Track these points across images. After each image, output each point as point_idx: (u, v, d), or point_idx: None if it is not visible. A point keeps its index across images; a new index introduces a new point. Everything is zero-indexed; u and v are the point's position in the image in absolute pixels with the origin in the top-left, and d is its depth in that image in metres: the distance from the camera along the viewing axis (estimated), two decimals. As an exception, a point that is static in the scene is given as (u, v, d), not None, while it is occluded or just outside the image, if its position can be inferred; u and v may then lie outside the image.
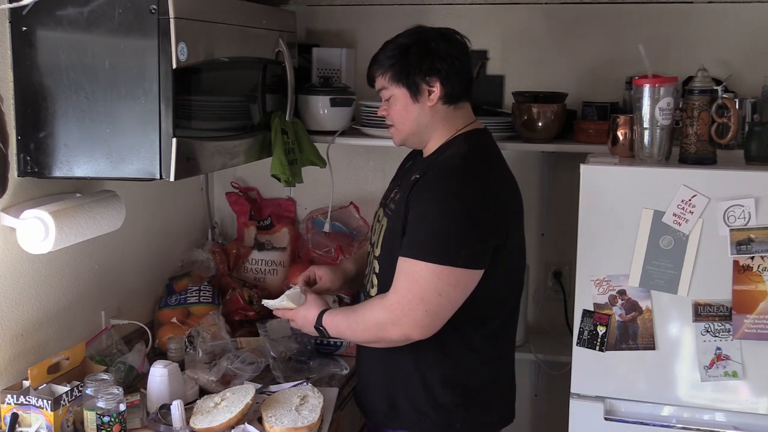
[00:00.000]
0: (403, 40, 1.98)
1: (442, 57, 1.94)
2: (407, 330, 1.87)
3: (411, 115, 1.98)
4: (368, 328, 1.93)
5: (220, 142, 2.06)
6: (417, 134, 2.01)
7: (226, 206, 2.98)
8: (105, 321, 2.28)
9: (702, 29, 2.55)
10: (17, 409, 1.79)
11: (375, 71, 2.02)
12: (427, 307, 1.85)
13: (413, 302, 1.85)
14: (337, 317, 1.99)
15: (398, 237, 1.93)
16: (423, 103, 1.97)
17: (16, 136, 1.86)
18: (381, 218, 2.06)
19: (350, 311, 2.01)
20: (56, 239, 1.83)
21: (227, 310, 2.56)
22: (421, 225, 1.88)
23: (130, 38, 1.76)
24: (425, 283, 1.85)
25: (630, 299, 2.11)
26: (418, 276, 1.85)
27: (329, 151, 2.62)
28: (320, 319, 2.00)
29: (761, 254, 2.00)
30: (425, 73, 1.94)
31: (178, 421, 1.89)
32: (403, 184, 2.02)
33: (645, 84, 2.12)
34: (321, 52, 2.71)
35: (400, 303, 1.87)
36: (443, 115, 1.99)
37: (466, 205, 1.88)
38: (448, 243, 1.85)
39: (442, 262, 1.84)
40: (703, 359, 2.08)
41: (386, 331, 1.90)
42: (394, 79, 1.97)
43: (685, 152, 2.13)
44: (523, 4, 2.69)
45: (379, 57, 2.00)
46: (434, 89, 1.95)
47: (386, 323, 1.89)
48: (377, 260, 2.04)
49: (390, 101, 2.00)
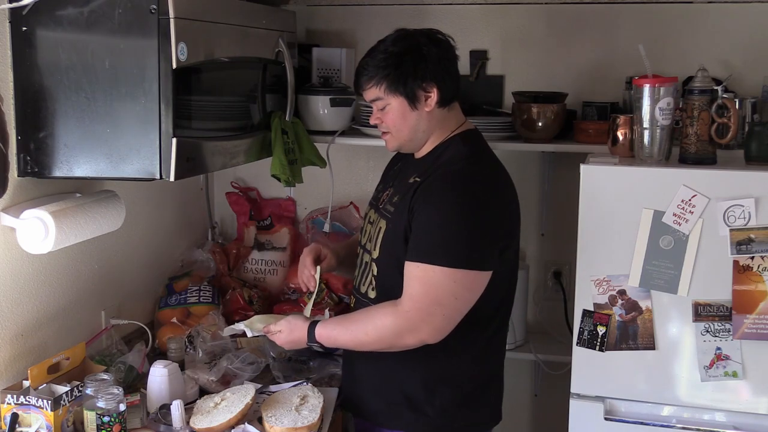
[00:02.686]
0: (393, 48, 1.93)
1: (436, 61, 1.92)
2: (424, 336, 1.86)
3: (409, 123, 1.96)
4: (381, 337, 1.89)
5: (220, 142, 2.06)
6: (414, 140, 2.00)
7: (226, 206, 2.98)
8: (105, 321, 2.27)
9: (702, 29, 2.55)
10: (17, 409, 1.79)
11: (366, 82, 1.96)
12: (445, 311, 1.85)
13: (431, 307, 1.84)
14: (334, 330, 1.96)
15: (401, 241, 1.92)
16: (421, 110, 1.94)
17: (16, 136, 1.86)
18: (376, 220, 2.04)
19: (349, 321, 1.98)
20: (56, 239, 1.83)
21: (227, 310, 2.56)
22: (431, 229, 1.87)
23: (130, 38, 1.76)
24: (441, 287, 1.84)
25: (630, 299, 2.11)
26: (433, 280, 1.84)
27: (329, 151, 2.62)
28: (312, 333, 1.98)
29: (761, 254, 2.00)
30: (422, 79, 1.92)
31: (178, 421, 1.89)
32: (399, 186, 2.01)
33: (645, 84, 2.12)
34: (321, 52, 2.71)
35: (418, 309, 1.85)
36: (439, 118, 1.98)
37: (475, 208, 1.87)
38: (461, 246, 1.85)
39: (457, 266, 1.83)
40: (703, 359, 2.07)
41: (402, 339, 1.88)
42: (390, 89, 1.93)
43: (685, 152, 2.13)
44: (523, 4, 2.69)
45: (368, 67, 1.95)
46: (431, 94, 1.93)
47: (402, 331, 1.87)
48: (375, 263, 2.01)
49: (385, 110, 1.97)
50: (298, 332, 2.00)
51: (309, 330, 1.98)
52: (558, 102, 2.48)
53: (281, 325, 2.04)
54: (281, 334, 2.02)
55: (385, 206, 2.03)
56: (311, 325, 1.99)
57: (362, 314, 1.97)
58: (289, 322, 2.03)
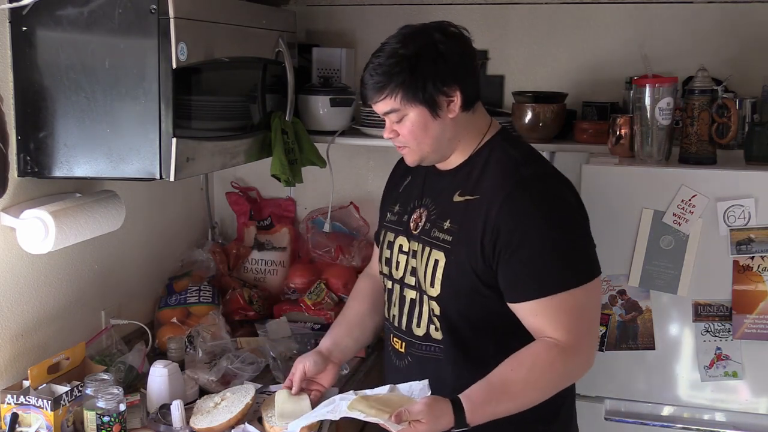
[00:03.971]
0: (404, 50, 1.65)
1: (456, 59, 1.67)
2: (592, 360, 1.70)
3: (432, 133, 1.69)
4: (557, 384, 1.68)
5: (220, 142, 2.06)
6: (438, 150, 1.74)
7: (226, 206, 2.98)
8: (105, 321, 2.27)
9: (702, 29, 2.54)
10: (17, 409, 1.79)
11: (377, 94, 1.67)
12: (595, 325, 1.73)
13: (592, 329, 1.71)
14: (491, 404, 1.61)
15: (471, 272, 1.68)
16: (444, 117, 1.68)
17: (16, 136, 1.86)
18: (421, 251, 1.76)
19: (503, 385, 1.63)
20: (56, 239, 1.83)
21: (227, 310, 2.56)
22: (547, 254, 1.64)
23: (130, 38, 1.76)
24: (587, 306, 1.68)
25: (630, 299, 2.11)
26: (577, 304, 1.65)
27: (329, 151, 2.62)
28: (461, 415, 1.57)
29: (761, 254, 2.00)
30: (443, 82, 1.65)
31: (178, 421, 1.89)
32: (440, 207, 1.76)
33: (645, 84, 2.12)
34: (321, 52, 2.71)
35: (582, 338, 1.66)
36: (465, 123, 1.72)
37: (570, 212, 1.70)
38: (580, 259, 1.69)
39: (587, 279, 1.67)
40: (703, 359, 2.08)
41: (576, 373, 1.71)
42: (407, 98, 1.65)
43: (685, 152, 2.13)
44: (523, 4, 2.69)
45: (377, 75, 1.66)
46: (454, 98, 1.67)
47: (576, 368, 1.69)
48: (435, 301, 1.74)
49: (402, 122, 1.69)
50: (445, 418, 1.57)
51: (456, 413, 1.58)
52: (558, 102, 2.48)
53: (421, 413, 1.55)
54: (421, 424, 1.55)
55: (432, 234, 1.75)
56: (455, 406, 1.58)
57: (517, 372, 1.64)
58: (431, 408, 1.57)
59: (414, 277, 1.79)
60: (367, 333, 2.01)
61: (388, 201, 1.96)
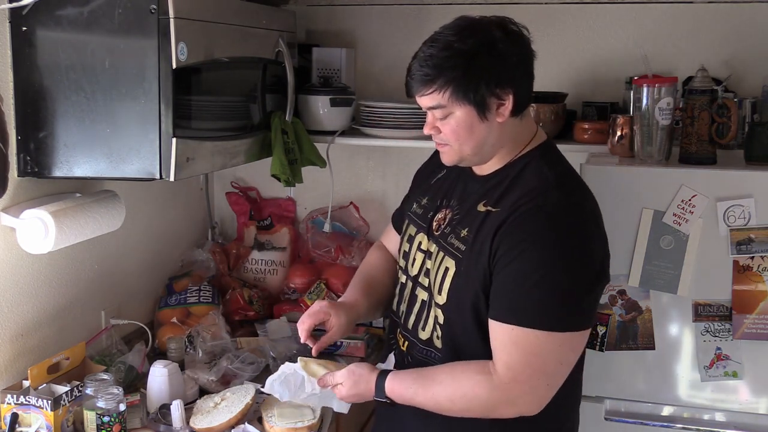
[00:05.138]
0: (460, 44, 1.54)
1: (515, 61, 1.57)
2: (525, 408, 1.58)
3: (477, 136, 1.60)
4: (470, 408, 1.60)
5: (220, 142, 2.06)
6: (479, 154, 1.64)
7: (226, 206, 2.98)
8: (105, 321, 2.28)
9: (702, 29, 2.54)
10: (17, 409, 1.79)
11: (424, 87, 1.57)
12: (549, 381, 1.57)
13: (534, 378, 1.55)
14: (410, 388, 1.63)
15: (475, 287, 1.60)
16: (492, 121, 1.58)
17: (16, 136, 1.86)
18: (436, 255, 1.70)
19: (429, 380, 1.63)
20: (56, 239, 1.83)
21: (227, 310, 2.56)
22: (528, 285, 1.53)
23: (130, 38, 1.76)
24: (547, 354, 1.54)
25: (630, 299, 2.11)
26: (535, 347, 1.53)
27: (329, 151, 2.62)
28: (381, 387, 1.65)
29: (761, 254, 2.00)
30: (497, 85, 1.55)
31: (178, 421, 1.89)
32: (463, 212, 1.68)
33: (645, 84, 2.12)
34: (321, 52, 2.71)
35: (518, 381, 1.55)
36: (511, 129, 1.62)
37: (578, 256, 1.56)
38: (567, 306, 1.54)
39: (566, 329, 1.53)
40: (703, 359, 2.07)
41: (495, 411, 1.59)
42: (456, 96, 1.55)
43: (685, 152, 2.13)
44: (523, 4, 2.68)
45: (426, 68, 1.55)
46: (506, 102, 1.57)
47: (498, 403, 1.58)
48: (441, 309, 1.67)
49: (446, 119, 1.60)
50: (364, 385, 1.67)
51: (378, 383, 1.66)
52: (558, 102, 2.48)
53: (342, 376, 1.69)
54: (342, 387, 1.69)
55: (449, 239, 1.68)
56: (380, 376, 1.66)
57: (446, 375, 1.62)
58: (352, 372, 1.68)
59: (428, 279, 1.73)
60: (382, 293, 1.96)
61: (417, 190, 1.88)
